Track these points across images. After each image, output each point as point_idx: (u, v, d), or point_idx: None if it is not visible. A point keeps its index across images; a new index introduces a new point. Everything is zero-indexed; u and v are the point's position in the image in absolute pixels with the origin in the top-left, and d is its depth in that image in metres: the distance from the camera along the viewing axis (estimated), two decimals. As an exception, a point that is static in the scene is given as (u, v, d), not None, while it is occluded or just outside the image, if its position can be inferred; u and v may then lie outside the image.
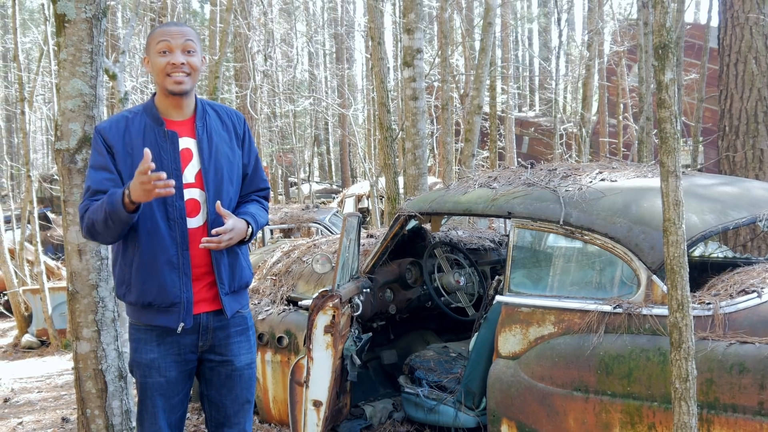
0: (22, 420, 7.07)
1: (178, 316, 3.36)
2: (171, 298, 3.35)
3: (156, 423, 3.46)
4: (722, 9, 8.51)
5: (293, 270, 6.34)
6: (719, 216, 4.36)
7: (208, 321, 3.46)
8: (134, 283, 3.37)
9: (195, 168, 3.42)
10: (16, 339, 12.08)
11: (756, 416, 3.49)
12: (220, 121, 3.54)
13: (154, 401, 3.44)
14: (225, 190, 3.47)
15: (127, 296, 3.42)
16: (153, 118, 3.38)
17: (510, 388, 4.41)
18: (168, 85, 3.33)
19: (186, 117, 3.45)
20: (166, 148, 3.35)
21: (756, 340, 3.62)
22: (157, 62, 3.33)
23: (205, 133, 3.45)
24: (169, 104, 3.41)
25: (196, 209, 3.41)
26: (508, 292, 4.66)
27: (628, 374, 3.89)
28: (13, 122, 34.03)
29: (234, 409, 3.58)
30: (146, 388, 3.44)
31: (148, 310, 3.39)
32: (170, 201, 3.32)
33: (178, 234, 3.34)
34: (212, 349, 3.51)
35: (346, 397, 5.22)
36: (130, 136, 3.36)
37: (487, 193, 5.02)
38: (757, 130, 8.13)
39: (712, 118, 16.22)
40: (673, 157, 3.10)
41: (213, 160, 3.44)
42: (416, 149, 9.17)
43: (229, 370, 3.55)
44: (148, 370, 3.42)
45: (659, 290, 4.01)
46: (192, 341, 3.45)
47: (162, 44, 3.32)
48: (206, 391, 3.60)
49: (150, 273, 3.34)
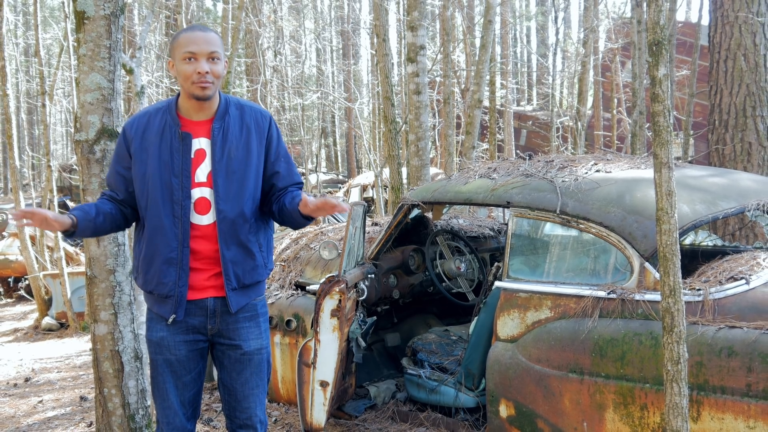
0: (42, 398, 7.09)
1: (171, 307, 3.39)
2: (166, 291, 3.38)
3: (167, 399, 3.48)
4: (713, 8, 8.48)
5: (301, 256, 6.34)
6: (709, 206, 4.35)
7: (215, 306, 3.46)
8: (141, 270, 3.46)
9: (207, 168, 3.40)
10: (37, 321, 12.10)
11: (744, 398, 3.49)
12: (242, 121, 3.49)
13: (165, 377, 3.47)
14: (235, 190, 3.42)
15: (137, 280, 3.53)
16: (172, 117, 3.40)
17: (508, 369, 4.41)
18: (194, 91, 3.32)
19: (207, 117, 3.44)
20: (179, 148, 3.36)
21: (744, 325, 3.63)
22: (182, 69, 3.31)
23: (221, 134, 3.42)
24: (191, 106, 3.40)
25: (207, 207, 3.40)
26: (507, 278, 4.66)
27: (621, 357, 3.89)
28: (35, 115, 34.07)
29: (244, 393, 3.57)
30: (157, 365, 3.49)
31: (150, 295, 3.49)
32: (177, 200, 3.34)
33: (180, 231, 3.35)
34: (221, 333, 3.50)
35: (351, 377, 5.23)
36: (150, 133, 3.39)
37: (487, 184, 5.02)
38: (746, 124, 8.10)
39: (703, 112, 16.19)
40: (666, 149, 3.09)
41: (225, 160, 3.41)
42: (419, 141, 9.15)
43: (238, 354, 3.53)
44: (158, 348, 3.46)
45: (651, 277, 4.01)
46: (200, 323, 3.46)
47: (188, 52, 3.30)
48: (219, 374, 3.61)
49: (151, 265, 3.40)
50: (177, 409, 3.51)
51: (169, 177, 3.34)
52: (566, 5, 23.13)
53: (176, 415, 3.51)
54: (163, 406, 3.50)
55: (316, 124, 34.16)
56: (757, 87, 8.10)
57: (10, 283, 16.02)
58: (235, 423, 3.62)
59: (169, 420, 3.51)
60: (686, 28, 19.19)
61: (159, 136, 3.38)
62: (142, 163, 3.37)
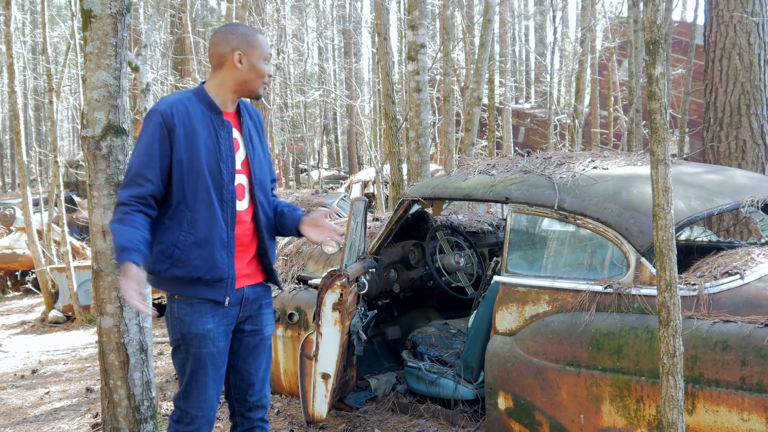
0: (49, 390, 7.09)
1: (225, 290, 3.40)
2: (220, 274, 3.37)
3: (205, 392, 3.43)
4: (708, 8, 8.47)
5: (303, 251, 6.34)
6: (704, 202, 4.35)
7: (249, 294, 3.53)
8: (184, 258, 3.35)
9: (242, 156, 3.51)
10: (44, 314, 12.10)
11: (738, 390, 3.49)
12: (250, 117, 3.64)
13: (206, 371, 3.42)
14: (264, 179, 3.59)
15: (172, 271, 3.37)
16: (210, 107, 3.43)
17: (506, 362, 4.41)
18: (259, 89, 3.50)
19: (234, 110, 3.55)
20: (224, 135, 3.42)
21: (738, 319, 3.62)
22: (261, 67, 3.47)
23: (246, 126, 3.56)
24: (230, 99, 3.49)
25: (243, 193, 3.49)
26: (506, 272, 4.65)
27: (617, 350, 3.89)
28: (42, 111, 34.05)
29: (258, 377, 3.62)
30: (201, 358, 3.40)
31: (196, 283, 3.38)
32: (225, 185, 3.39)
33: (229, 215, 3.40)
34: (247, 320, 3.56)
35: (352, 370, 5.23)
36: (190, 119, 3.36)
37: (486, 180, 5.01)
38: (740, 122, 8.09)
39: (698, 110, 16.17)
40: (663, 146, 3.09)
41: (254, 151, 3.57)
42: (419, 138, 9.15)
43: (257, 340, 3.59)
44: (204, 341, 3.39)
45: (647, 272, 4.01)
46: (236, 312, 3.49)
47: (269, 54, 3.50)
48: (232, 361, 3.59)
49: (204, 250, 3.35)
50: (213, 403, 3.50)
51: (217, 163, 3.37)
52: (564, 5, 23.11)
53: (212, 408, 3.50)
54: (200, 400, 3.44)
55: (318, 121, 34.21)
56: (752, 85, 8.09)
57: (17, 276, 16.05)
58: (245, 406, 3.64)
59: (204, 413, 3.47)
60: (682, 28, 19.18)
61: (201, 123, 3.38)
62: (188, 149, 3.33)
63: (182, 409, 3.48)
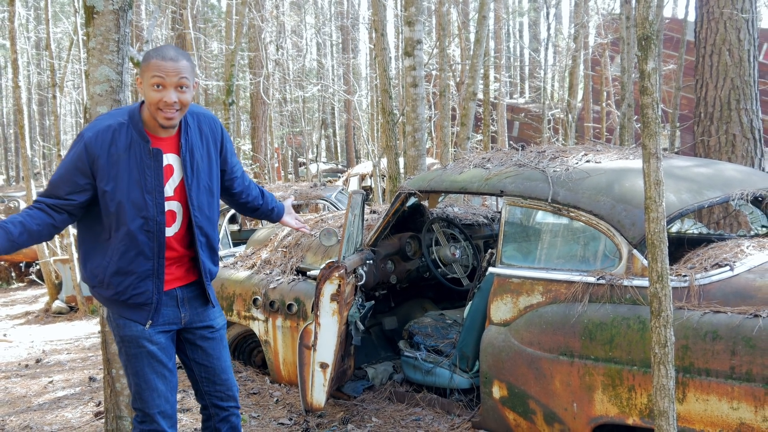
0: (52, 379, 7.09)
1: (148, 314, 3.36)
2: (143, 299, 3.34)
3: (155, 389, 3.42)
4: (699, 4, 8.46)
5: (302, 243, 6.33)
6: (695, 195, 4.35)
7: (183, 294, 3.49)
8: (107, 282, 3.32)
9: (175, 182, 3.36)
10: (47, 305, 12.10)
11: (727, 380, 3.49)
12: (200, 131, 3.45)
13: (150, 368, 3.40)
14: (207, 201, 3.46)
15: (99, 290, 3.38)
16: (139, 133, 3.24)
17: (501, 352, 4.41)
18: (158, 119, 3.20)
19: (173, 133, 3.35)
20: (151, 165, 3.25)
21: (728, 310, 3.62)
22: (150, 95, 3.17)
23: (188, 150, 3.36)
24: (156, 125, 3.27)
25: (172, 219, 3.38)
26: (500, 264, 4.65)
27: (610, 340, 3.89)
28: (45, 106, 33.97)
29: (222, 367, 3.62)
30: (141, 358, 3.38)
31: (121, 304, 3.37)
32: (151, 216, 3.26)
33: (156, 245, 3.30)
34: (194, 319, 3.54)
35: (350, 359, 5.23)
36: (117, 148, 3.21)
37: (481, 173, 5.01)
38: (730, 117, 8.10)
39: (689, 105, 16.18)
40: (655, 140, 3.08)
41: (195, 174, 3.39)
42: (416, 132, 9.13)
43: (211, 334, 3.59)
44: (140, 341, 3.37)
45: (639, 263, 4.01)
46: (173, 312, 3.46)
47: (156, 78, 3.15)
48: (192, 355, 3.59)
49: (126, 278, 3.30)
50: (168, 397, 3.48)
51: (141, 194, 3.23)
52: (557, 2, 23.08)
53: (167, 402, 3.48)
54: (152, 397, 3.42)
55: (317, 116, 34.18)
56: (741, 81, 8.09)
57: (21, 268, 16.04)
58: (216, 397, 3.64)
59: (161, 408, 3.45)
60: (673, 24, 19.20)
61: (127, 152, 3.22)
62: (110, 179, 3.19)
63: (140, 409, 3.49)
